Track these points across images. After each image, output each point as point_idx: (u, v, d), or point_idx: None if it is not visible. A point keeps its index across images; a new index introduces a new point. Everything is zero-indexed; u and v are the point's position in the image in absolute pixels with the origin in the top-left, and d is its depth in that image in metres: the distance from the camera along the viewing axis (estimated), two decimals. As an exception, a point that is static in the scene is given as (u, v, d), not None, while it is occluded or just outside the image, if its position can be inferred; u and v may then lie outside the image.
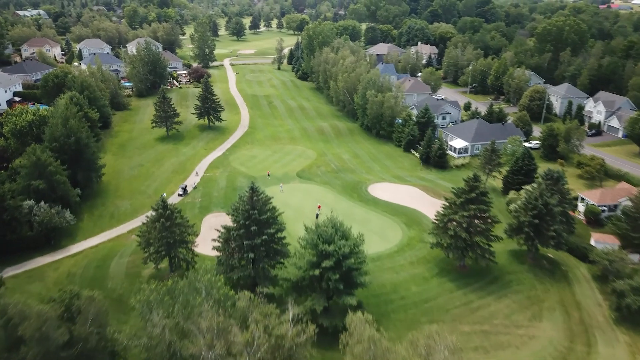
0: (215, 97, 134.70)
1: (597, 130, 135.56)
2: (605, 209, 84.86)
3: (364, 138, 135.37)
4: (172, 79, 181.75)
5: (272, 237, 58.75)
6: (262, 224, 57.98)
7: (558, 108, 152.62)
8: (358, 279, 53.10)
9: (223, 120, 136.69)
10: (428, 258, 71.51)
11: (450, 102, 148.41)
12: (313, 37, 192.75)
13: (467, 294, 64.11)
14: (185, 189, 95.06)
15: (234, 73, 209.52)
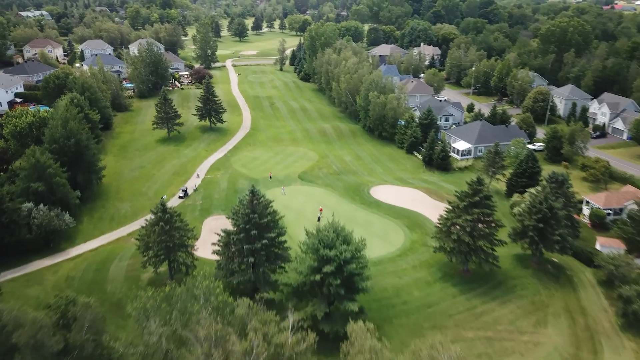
0: (217, 98, 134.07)
1: (601, 132, 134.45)
2: (611, 213, 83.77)
3: (366, 140, 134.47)
4: (174, 80, 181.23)
5: (272, 241, 57.99)
6: (262, 228, 57.20)
7: (562, 110, 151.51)
8: (360, 285, 52.21)
9: (225, 122, 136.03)
10: (431, 262, 70.62)
11: (453, 103, 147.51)
12: (315, 38, 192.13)
13: (470, 299, 63.19)
14: (186, 191, 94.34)
15: (236, 74, 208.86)
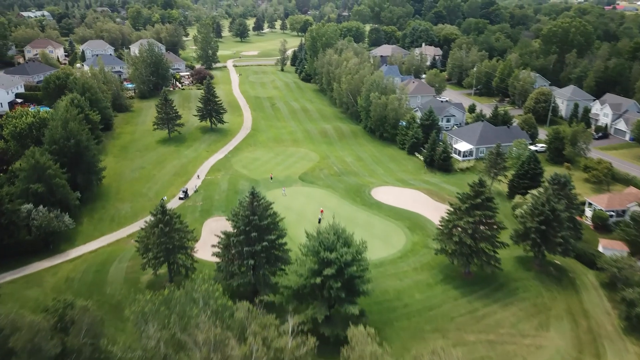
0: (218, 99, 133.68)
1: (603, 133, 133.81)
2: (613, 214, 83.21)
3: (368, 140, 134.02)
4: (174, 81, 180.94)
5: (272, 243, 57.58)
6: (262, 230, 56.81)
7: (564, 110, 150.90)
8: (360, 287, 51.76)
9: (225, 122, 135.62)
10: (432, 264, 70.16)
11: (455, 104, 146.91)
12: (316, 38, 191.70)
13: (472, 302, 62.72)
14: (187, 192, 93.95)
15: (237, 74, 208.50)
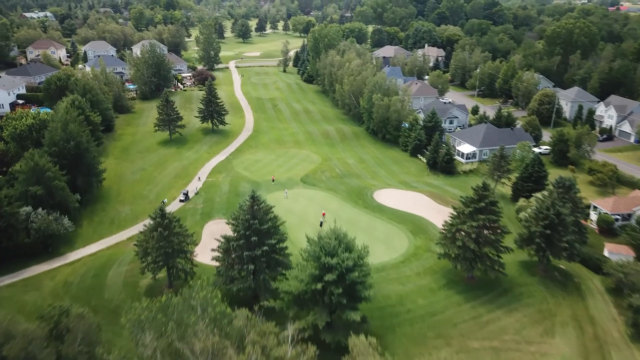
0: (219, 100, 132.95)
1: (608, 135, 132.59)
2: (619, 218, 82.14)
3: (370, 142, 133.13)
4: (176, 82, 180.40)
5: (273, 247, 56.76)
6: (262, 234, 56.00)
7: (568, 112, 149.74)
8: (362, 293, 50.83)
9: (227, 124, 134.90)
10: (435, 269, 69.20)
11: (458, 105, 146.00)
12: (319, 39, 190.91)
13: (475, 307, 61.73)
14: (187, 195, 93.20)
15: (239, 75, 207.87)
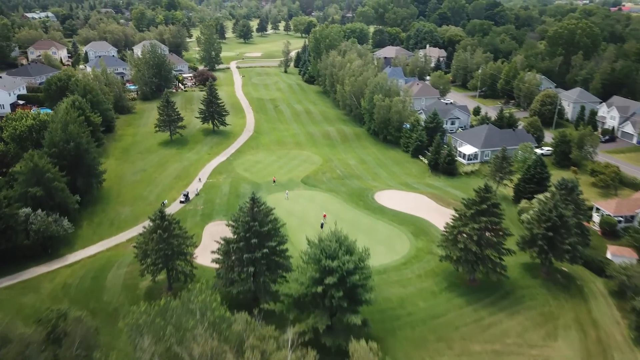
0: (220, 100, 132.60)
1: (610, 136, 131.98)
2: (622, 220, 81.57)
3: (371, 143, 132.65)
4: (177, 82, 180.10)
5: (273, 250, 56.32)
6: (263, 237, 55.57)
7: (570, 113, 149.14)
8: (363, 296, 50.31)
9: (228, 125, 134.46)
10: (436, 271, 68.72)
11: (459, 106, 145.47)
12: (320, 40, 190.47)
13: (477, 310, 61.23)
14: (187, 196, 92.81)
15: (240, 76, 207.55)
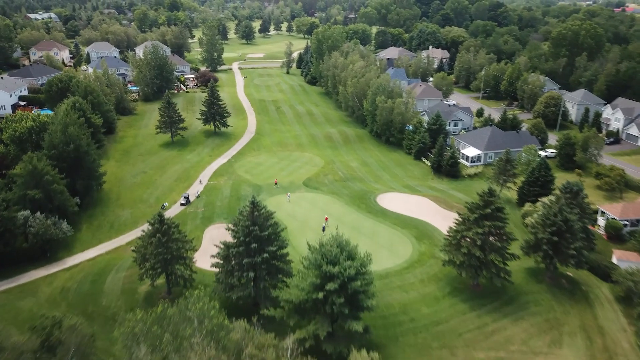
0: (222, 102, 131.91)
1: (615, 139, 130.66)
2: (628, 224, 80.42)
3: (373, 145, 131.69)
4: (179, 83, 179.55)
5: (273, 254, 55.43)
6: (263, 241, 54.71)
7: (574, 115, 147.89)
8: (365, 303, 49.36)
9: (229, 126, 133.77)
10: (439, 276, 67.72)
11: (462, 108, 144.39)
12: (322, 41, 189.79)
13: (481, 316, 60.21)
14: (188, 198, 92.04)
15: (242, 77, 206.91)
